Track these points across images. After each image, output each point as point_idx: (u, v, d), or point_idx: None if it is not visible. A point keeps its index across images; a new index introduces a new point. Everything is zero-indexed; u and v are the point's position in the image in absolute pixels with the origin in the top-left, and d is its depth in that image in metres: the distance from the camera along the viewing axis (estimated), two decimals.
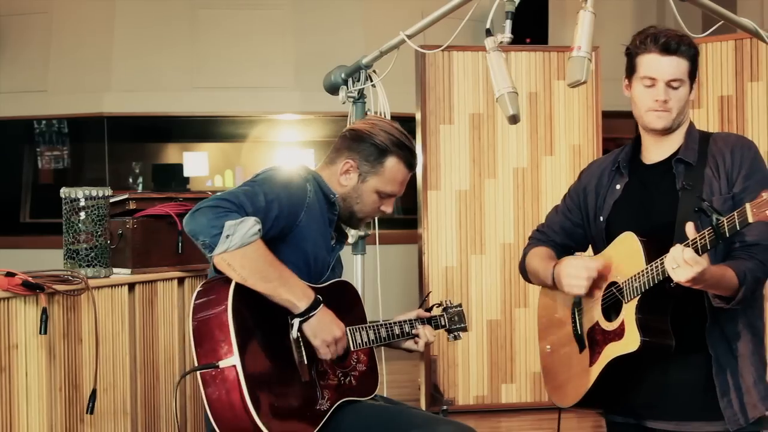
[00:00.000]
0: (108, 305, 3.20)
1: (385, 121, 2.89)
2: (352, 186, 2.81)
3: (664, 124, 2.70)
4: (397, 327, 2.90)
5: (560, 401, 2.93)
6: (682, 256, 2.34)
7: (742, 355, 2.67)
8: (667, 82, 2.65)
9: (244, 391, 2.40)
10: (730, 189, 2.66)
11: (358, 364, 2.81)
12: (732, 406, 2.62)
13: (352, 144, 2.81)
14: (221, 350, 2.43)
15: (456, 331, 3.11)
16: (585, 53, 2.70)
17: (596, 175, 2.96)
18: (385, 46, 3.38)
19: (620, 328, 2.62)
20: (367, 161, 2.79)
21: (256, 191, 2.55)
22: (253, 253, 2.46)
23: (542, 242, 3.05)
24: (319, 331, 2.56)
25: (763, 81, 5.15)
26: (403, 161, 2.81)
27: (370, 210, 2.86)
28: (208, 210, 2.45)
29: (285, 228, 2.63)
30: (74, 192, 3.15)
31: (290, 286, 2.53)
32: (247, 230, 2.43)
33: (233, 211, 2.45)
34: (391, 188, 2.82)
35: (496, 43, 2.94)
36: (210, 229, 2.43)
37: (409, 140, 2.84)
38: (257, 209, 2.51)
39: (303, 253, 2.70)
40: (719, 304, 2.54)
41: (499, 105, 2.99)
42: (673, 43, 2.64)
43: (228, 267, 2.46)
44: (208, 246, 2.45)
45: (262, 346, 2.51)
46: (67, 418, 2.96)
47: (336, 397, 2.69)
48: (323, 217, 2.77)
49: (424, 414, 2.80)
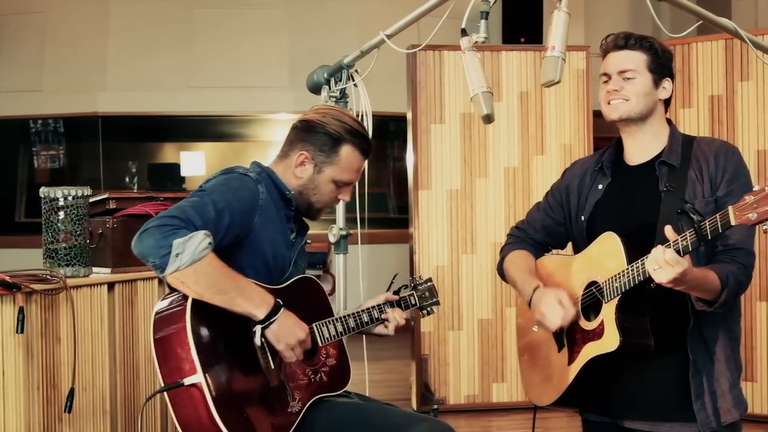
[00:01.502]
0: (87, 304, 3.20)
1: (335, 109, 2.85)
2: (308, 177, 2.77)
3: (620, 114, 2.73)
4: (365, 314, 2.88)
5: (537, 399, 2.93)
6: (663, 257, 2.34)
7: (719, 359, 2.67)
8: (617, 72, 2.72)
9: (210, 407, 2.38)
10: (713, 193, 2.66)
11: (328, 359, 2.79)
12: (705, 409, 2.62)
13: (305, 135, 2.77)
14: (184, 368, 2.40)
15: (428, 306, 3.08)
16: (559, 53, 2.71)
17: (579, 174, 2.97)
18: (365, 45, 3.38)
19: (600, 328, 2.63)
20: (321, 151, 2.75)
21: (205, 202, 2.51)
22: (205, 267, 2.41)
23: (521, 240, 3.06)
24: (282, 336, 2.53)
25: (753, 80, 5.14)
26: (358, 148, 2.78)
27: (328, 199, 2.82)
28: (155, 230, 2.39)
29: (240, 234, 2.60)
30: (53, 191, 3.15)
31: (247, 295, 2.49)
32: (197, 246, 2.39)
33: (181, 227, 2.40)
34: (347, 176, 2.79)
35: (471, 43, 2.94)
36: (158, 250, 2.38)
37: (362, 127, 2.81)
38: (207, 221, 2.47)
39: (261, 255, 2.67)
40: (702, 307, 2.54)
41: (474, 105, 3.00)
42: (621, 40, 2.73)
43: (182, 285, 2.43)
44: (159, 267, 2.40)
45: (226, 358, 2.49)
46: (45, 417, 2.96)
47: (308, 396, 2.68)
48: (279, 215, 2.74)
49: (399, 411, 2.77)
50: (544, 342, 2.90)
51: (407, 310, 3.01)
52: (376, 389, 6.03)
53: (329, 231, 3.56)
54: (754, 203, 2.20)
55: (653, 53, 2.74)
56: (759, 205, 2.19)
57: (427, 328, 5.54)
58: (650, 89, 2.73)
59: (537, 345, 2.95)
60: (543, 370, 2.90)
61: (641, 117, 2.75)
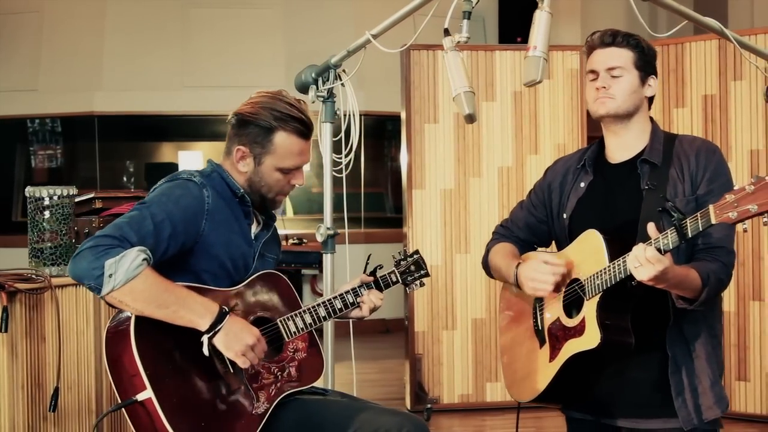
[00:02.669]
0: (72, 304, 3.21)
1: (266, 96, 2.77)
2: (251, 171, 2.74)
3: (607, 110, 2.74)
4: (338, 301, 2.84)
5: (518, 396, 2.94)
6: (644, 255, 2.35)
7: (700, 357, 2.68)
8: (605, 69, 2.73)
9: (163, 421, 2.38)
10: (693, 191, 2.67)
11: (297, 353, 2.75)
12: (686, 406, 2.63)
13: (238, 130, 2.74)
14: (136, 385, 2.40)
15: (416, 280, 3.01)
16: (541, 53, 2.71)
17: (561, 172, 2.98)
18: (352, 45, 3.38)
19: (581, 325, 2.63)
20: (256, 143, 2.71)
21: (144, 215, 2.49)
22: (141, 284, 2.39)
23: (505, 237, 3.08)
24: (230, 343, 2.49)
25: (747, 80, 5.14)
26: (294, 132, 2.72)
27: (279, 188, 2.78)
28: (87, 252, 2.38)
29: (186, 242, 2.58)
30: (38, 191, 3.16)
31: (189, 306, 2.46)
32: (130, 263, 2.37)
33: (114, 246, 2.39)
34: (290, 162, 2.74)
35: (453, 43, 2.94)
36: (91, 272, 2.36)
37: (295, 109, 2.74)
38: (144, 235, 2.45)
39: (215, 258, 2.65)
40: (682, 304, 2.55)
41: (456, 104, 3.00)
42: (608, 37, 2.75)
43: (121, 303, 2.42)
44: (95, 289, 2.39)
45: (179, 370, 2.47)
46: (29, 416, 2.98)
47: (274, 394, 2.64)
48: (234, 213, 2.72)
49: (370, 405, 2.74)
50: (526, 339, 2.91)
51: (387, 289, 2.95)
52: (371, 388, 6.07)
53: (317, 230, 3.56)
54: (734, 202, 2.21)
55: (640, 51, 2.75)
56: (739, 204, 2.20)
57: (421, 328, 5.55)
58: (637, 87, 2.75)
59: (519, 342, 2.96)
60: (524, 367, 2.91)
61: (627, 114, 2.76)
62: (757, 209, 2.17)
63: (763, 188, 2.17)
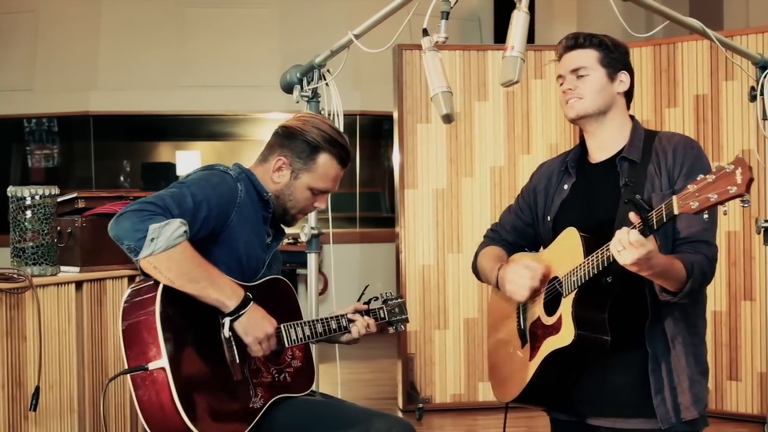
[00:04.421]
0: (54, 303, 3.22)
1: (317, 118, 2.88)
2: (284, 183, 2.81)
3: (577, 112, 2.76)
4: (333, 322, 2.89)
5: (501, 396, 2.94)
6: (627, 238, 2.33)
7: (680, 355, 2.65)
8: (570, 71, 2.76)
9: (173, 392, 2.40)
10: (670, 186, 2.67)
11: (293, 361, 2.81)
12: (665, 404, 2.61)
13: (284, 141, 2.81)
14: (150, 353, 2.43)
15: (397, 323, 3.06)
16: (518, 53, 2.71)
17: (546, 175, 2.99)
18: (335, 45, 3.39)
19: (558, 322, 2.63)
20: (299, 158, 2.79)
21: (184, 193, 2.54)
22: (179, 255, 2.44)
23: (494, 241, 3.09)
24: (250, 329, 2.56)
25: (738, 80, 5.13)
26: (336, 158, 2.82)
27: (303, 206, 2.87)
28: (132, 214, 2.43)
29: (215, 228, 2.63)
30: (20, 191, 3.17)
31: (219, 285, 2.52)
32: (172, 232, 2.42)
33: (158, 214, 2.44)
34: (323, 184, 2.83)
35: (432, 43, 2.94)
36: (134, 233, 2.41)
37: (341, 136, 2.85)
38: (184, 211, 2.50)
39: (234, 252, 2.69)
40: (666, 297, 2.53)
41: (434, 104, 3.01)
42: (570, 40, 2.77)
43: (155, 270, 2.45)
44: (134, 250, 2.43)
45: (193, 346, 2.51)
46: (10, 416, 2.98)
47: (270, 394, 2.69)
48: (257, 216, 2.78)
49: (358, 408, 2.79)
50: (510, 339, 2.91)
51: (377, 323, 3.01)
52: (364, 388, 6.08)
53: (300, 230, 3.57)
54: (696, 191, 2.19)
55: (604, 49, 2.76)
56: (700, 193, 2.18)
57: (413, 327, 5.55)
58: (605, 84, 2.75)
59: (504, 342, 2.96)
60: (507, 367, 2.91)
61: (600, 112, 2.76)
62: (716, 198, 2.15)
63: (722, 177, 2.15)
